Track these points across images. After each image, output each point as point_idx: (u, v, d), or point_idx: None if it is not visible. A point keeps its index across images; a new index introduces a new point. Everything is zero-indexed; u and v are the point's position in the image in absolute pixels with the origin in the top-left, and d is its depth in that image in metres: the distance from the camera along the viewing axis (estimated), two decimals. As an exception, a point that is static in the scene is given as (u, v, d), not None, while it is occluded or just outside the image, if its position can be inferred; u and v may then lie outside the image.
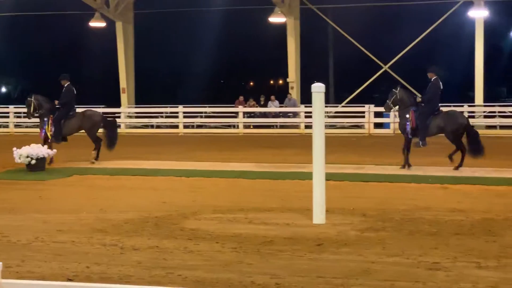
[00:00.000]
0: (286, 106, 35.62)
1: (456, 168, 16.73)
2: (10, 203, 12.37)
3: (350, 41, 37.34)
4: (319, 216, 10.46)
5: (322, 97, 10.72)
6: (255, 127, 34.88)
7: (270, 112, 35.58)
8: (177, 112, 34.73)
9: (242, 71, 57.88)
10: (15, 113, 37.45)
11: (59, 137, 19.01)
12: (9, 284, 3.10)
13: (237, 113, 34.26)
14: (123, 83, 38.72)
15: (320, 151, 10.56)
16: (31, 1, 40.39)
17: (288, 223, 10.44)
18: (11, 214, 11.29)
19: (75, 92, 19.58)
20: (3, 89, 71.80)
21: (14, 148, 17.35)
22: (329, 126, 31.02)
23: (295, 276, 7.42)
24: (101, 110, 37.70)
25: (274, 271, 7.59)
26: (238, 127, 33.88)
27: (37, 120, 20.06)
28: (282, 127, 34.58)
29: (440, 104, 17.39)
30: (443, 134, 17.44)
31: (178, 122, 34.44)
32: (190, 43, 51.37)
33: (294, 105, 35.00)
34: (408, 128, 17.08)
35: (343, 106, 35.54)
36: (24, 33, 50.14)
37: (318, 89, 10.70)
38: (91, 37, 44.26)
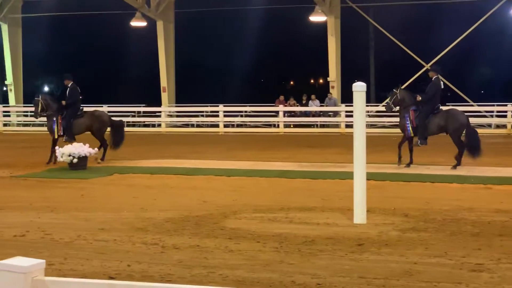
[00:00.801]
0: (326, 105, 35.53)
1: (454, 167, 16.81)
2: (53, 202, 12.49)
3: (391, 39, 37.10)
4: (360, 216, 10.40)
5: (363, 96, 10.67)
6: (296, 126, 34.86)
7: (310, 111, 35.52)
8: (217, 111, 34.85)
9: (282, 70, 57.86)
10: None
11: (72, 136, 19.18)
12: (53, 282, 3.13)
13: (277, 112, 34.27)
14: (163, 82, 38.95)
15: (361, 150, 10.50)
16: (73, 1, 40.86)
17: (328, 222, 10.40)
18: (53, 213, 11.41)
19: (79, 91, 19.68)
20: (46, 88, 72.65)
21: (57, 147, 17.57)
22: (370, 125, 30.89)
23: (336, 276, 7.39)
24: (141, 109, 38.24)
25: (315, 271, 7.57)
26: (278, 126, 33.87)
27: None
28: (322, 126, 34.52)
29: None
30: (444, 133, 17.51)
31: (219, 121, 34.54)
32: (230, 42, 51.49)
33: (335, 104, 34.90)
34: (409, 127, 17.25)
35: (384, 105, 35.31)
36: (66, 32, 50.70)
37: (359, 88, 10.65)
38: (132, 37, 44.63)
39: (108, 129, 19.81)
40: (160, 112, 37.09)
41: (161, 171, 17.12)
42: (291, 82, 64.84)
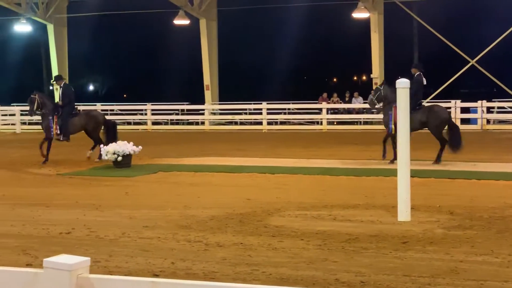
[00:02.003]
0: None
1: (436, 161, 17.05)
2: (98, 199, 12.62)
3: (436, 35, 36.74)
4: (404, 213, 10.32)
5: (407, 92, 10.59)
6: (339, 123, 34.73)
7: (354, 108, 35.35)
8: (260, 109, 34.84)
9: (325, 68, 57.72)
10: (102, 110, 38.23)
11: (68, 135, 19.28)
12: (98, 280, 3.15)
13: (320, 109, 34.18)
14: (206, 80, 39.04)
15: (405, 147, 10.42)
16: (117, 1, 41.21)
17: (372, 220, 10.34)
18: (98, 210, 11.52)
19: (73, 90, 19.81)
20: (91, 87, 73.39)
21: (101, 145, 17.72)
22: (414, 122, 30.59)
23: (380, 274, 7.34)
24: (184, 107, 38.41)
25: (359, 269, 7.53)
26: (321, 123, 33.78)
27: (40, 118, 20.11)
28: (366, 123, 34.32)
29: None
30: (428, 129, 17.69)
31: (262, 119, 34.55)
32: (273, 39, 51.48)
33: (379, 101, 34.66)
34: (391, 123, 17.28)
35: (428, 102, 35.01)
36: (110, 32, 51.16)
37: (403, 84, 10.57)
38: (175, 35, 44.86)
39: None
40: (203, 110, 37.23)
41: (205, 169, 17.18)
42: (334, 79, 64.60)
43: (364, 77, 60.77)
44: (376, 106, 18.57)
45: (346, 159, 18.51)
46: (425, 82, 17.74)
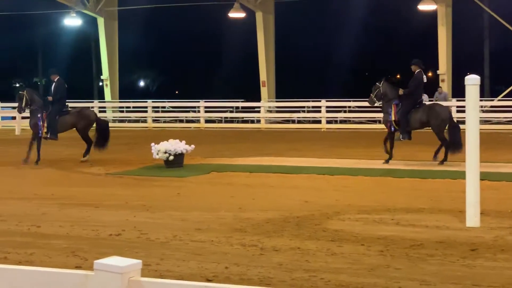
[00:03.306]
0: (436, 100, 34.96)
1: (441, 162, 17.22)
2: (149, 200, 12.72)
3: (509, 28, 36.19)
4: (473, 218, 10.18)
5: (476, 90, 10.45)
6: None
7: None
8: (319, 107, 34.77)
9: (388, 63, 57.28)
10: (153, 107, 38.63)
11: (55, 134, 19.15)
12: (149, 283, 3.18)
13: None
14: (263, 76, 39.12)
15: (474, 148, 10.28)
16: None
17: (438, 225, 10.23)
18: (149, 212, 11.62)
19: (66, 86, 19.75)
20: (141, 83, 74.09)
21: (152, 144, 17.81)
22: (483, 121, 30.23)
23: (447, 283, 7.26)
24: (239, 104, 38.55)
25: (423, 277, 7.45)
26: (383, 122, 33.54)
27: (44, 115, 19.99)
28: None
29: None
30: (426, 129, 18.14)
31: (321, 117, 34.48)
32: (333, 34, 51.29)
33: (445, 99, 34.28)
34: (391, 122, 17.81)
35: (499, 100, 34.53)
36: (162, 25, 51.61)
37: (472, 81, 10.43)
38: (230, 29, 45.03)
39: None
40: (259, 107, 37.29)
41: (261, 169, 17.20)
42: (398, 76, 64.11)
43: (430, 73, 60.14)
44: (376, 104, 18.80)
45: (409, 160, 18.36)
46: (425, 80, 18.09)
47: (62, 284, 3.19)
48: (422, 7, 35.50)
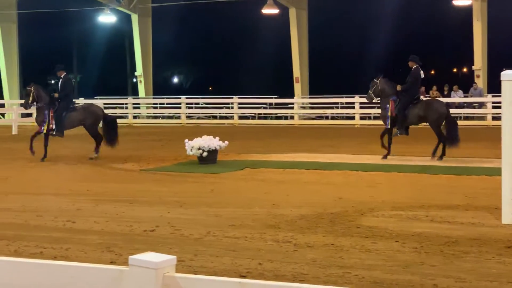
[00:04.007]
0: (471, 96, 34.69)
1: (440, 158, 17.60)
2: (182, 196, 12.77)
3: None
4: (508, 215, 10.09)
5: (512, 85, 10.34)
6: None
7: (453, 103, 34.76)
8: (353, 103, 34.66)
9: (422, 59, 57.02)
10: (187, 103, 38.75)
11: (62, 130, 18.98)
12: (184, 279, 3.19)
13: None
14: (296, 72, 39.08)
15: (510, 144, 10.18)
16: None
17: (473, 222, 10.15)
18: (183, 208, 11.66)
19: (72, 83, 19.59)
20: (175, 80, 74.31)
21: (186, 140, 17.85)
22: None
23: (483, 280, 7.20)
24: (273, 100, 38.56)
25: (458, 274, 7.40)
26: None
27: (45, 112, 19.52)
28: (466, 118, 33.70)
29: None
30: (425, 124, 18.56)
31: (354, 113, 34.38)
32: (366, 30, 51.08)
33: (480, 95, 34.02)
34: (388, 119, 18.11)
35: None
36: (195, 22, 51.71)
37: (508, 77, 10.32)
38: (263, 25, 45.02)
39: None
40: (292, 103, 37.26)
41: (294, 165, 17.20)
42: (432, 72, 63.71)
43: (464, 69, 59.74)
44: (374, 101, 19.17)
45: (446, 157, 18.22)
46: (422, 76, 18.56)
47: (98, 279, 3.21)
48: (457, 2, 35.21)
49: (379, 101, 18.96)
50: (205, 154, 17.48)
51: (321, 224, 10.11)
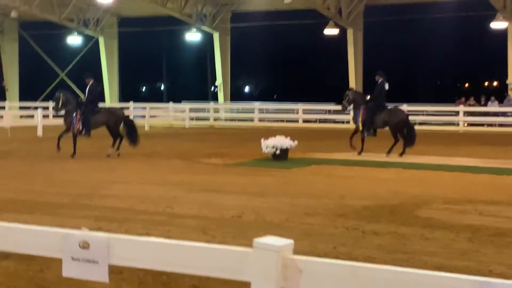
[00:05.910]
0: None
1: (400, 154, 18.27)
2: (261, 188, 12.69)
3: None
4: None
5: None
6: (475, 125, 33.57)
7: (489, 112, 34.06)
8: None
9: (457, 73, 56.56)
10: (259, 109, 38.78)
11: (89, 130, 18.58)
12: (302, 261, 3.20)
13: (457, 111, 33.20)
14: (352, 84, 38.71)
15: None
16: (273, 14, 41.67)
17: (517, 216, 9.85)
18: (263, 197, 11.57)
19: (99, 89, 19.32)
20: (247, 88, 74.71)
21: (262, 139, 17.81)
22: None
23: (532, 267, 6.96)
24: (331, 107, 38.26)
25: (511, 262, 7.16)
26: (458, 124, 32.80)
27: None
28: (500, 125, 32.97)
29: None
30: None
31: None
32: (413, 49, 50.63)
33: (512, 105, 33.28)
34: (358, 122, 19.16)
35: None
36: (267, 40, 51.77)
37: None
38: (325, 43, 44.85)
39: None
40: (348, 110, 36.88)
41: (355, 163, 17.08)
42: (466, 85, 62.64)
43: (495, 83, 58.72)
44: (348, 108, 20.46)
45: (485, 158, 17.82)
46: (387, 87, 19.25)
47: (226, 259, 3.16)
48: (494, 25, 34.43)
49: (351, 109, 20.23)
50: (278, 152, 17.43)
51: (383, 214, 9.92)
